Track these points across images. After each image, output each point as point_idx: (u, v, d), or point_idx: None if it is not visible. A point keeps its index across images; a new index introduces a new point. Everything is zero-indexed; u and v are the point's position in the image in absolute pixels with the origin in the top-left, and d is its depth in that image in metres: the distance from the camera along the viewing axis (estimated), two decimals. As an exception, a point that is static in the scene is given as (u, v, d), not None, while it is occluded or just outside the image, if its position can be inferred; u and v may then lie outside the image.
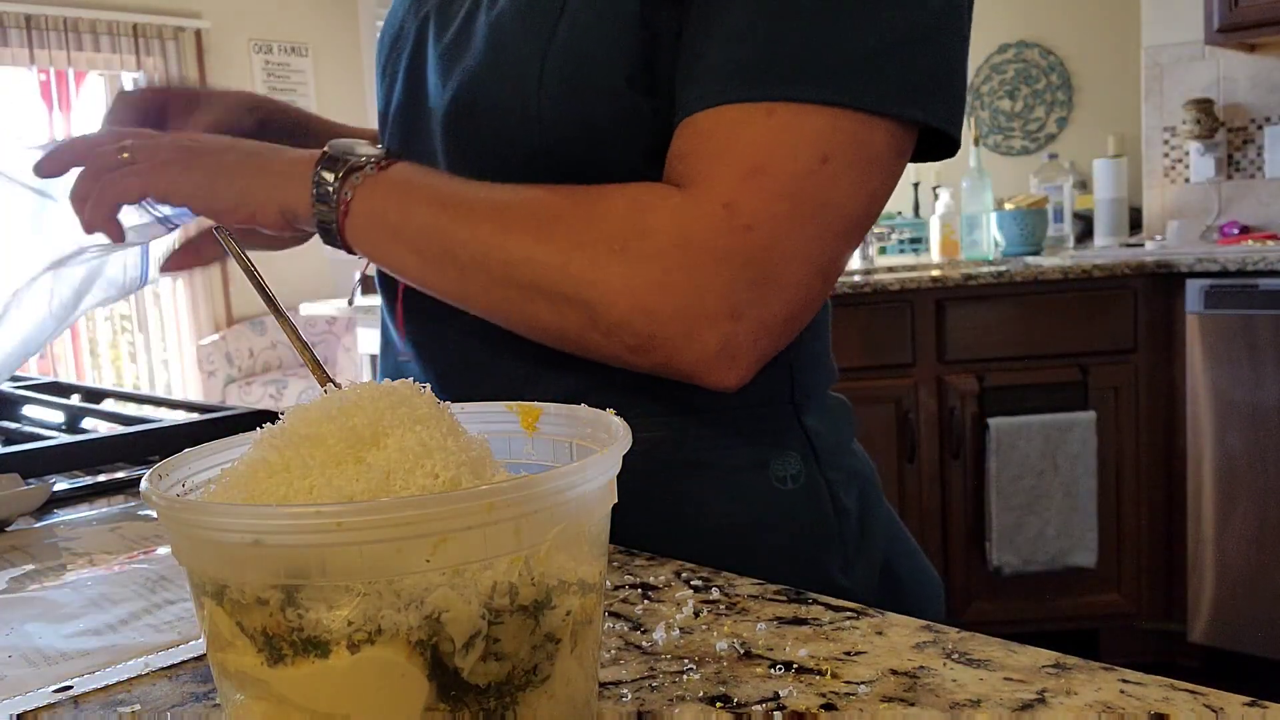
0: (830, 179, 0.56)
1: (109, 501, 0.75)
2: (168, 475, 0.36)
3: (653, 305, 0.57)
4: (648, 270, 0.57)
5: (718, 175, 0.57)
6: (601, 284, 0.57)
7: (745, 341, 0.58)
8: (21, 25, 4.51)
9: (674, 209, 0.57)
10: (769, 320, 0.58)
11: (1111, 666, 0.41)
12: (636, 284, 0.57)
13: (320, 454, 0.33)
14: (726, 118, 0.57)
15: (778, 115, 0.56)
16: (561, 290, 0.58)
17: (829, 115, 0.56)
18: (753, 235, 0.56)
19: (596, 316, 0.58)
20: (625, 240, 0.57)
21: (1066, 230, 3.23)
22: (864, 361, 2.50)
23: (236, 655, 0.31)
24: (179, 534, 0.32)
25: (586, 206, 0.59)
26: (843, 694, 0.40)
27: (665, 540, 0.61)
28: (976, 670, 0.42)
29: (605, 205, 0.59)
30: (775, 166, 0.56)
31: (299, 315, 3.45)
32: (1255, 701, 0.37)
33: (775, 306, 0.58)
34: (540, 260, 0.59)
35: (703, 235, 0.56)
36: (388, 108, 0.76)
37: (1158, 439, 2.53)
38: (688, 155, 0.59)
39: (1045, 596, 2.56)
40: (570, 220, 0.59)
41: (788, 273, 0.57)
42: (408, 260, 0.63)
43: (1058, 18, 4.14)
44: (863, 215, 0.59)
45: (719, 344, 0.57)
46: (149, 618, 0.51)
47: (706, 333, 0.57)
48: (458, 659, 0.30)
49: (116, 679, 0.45)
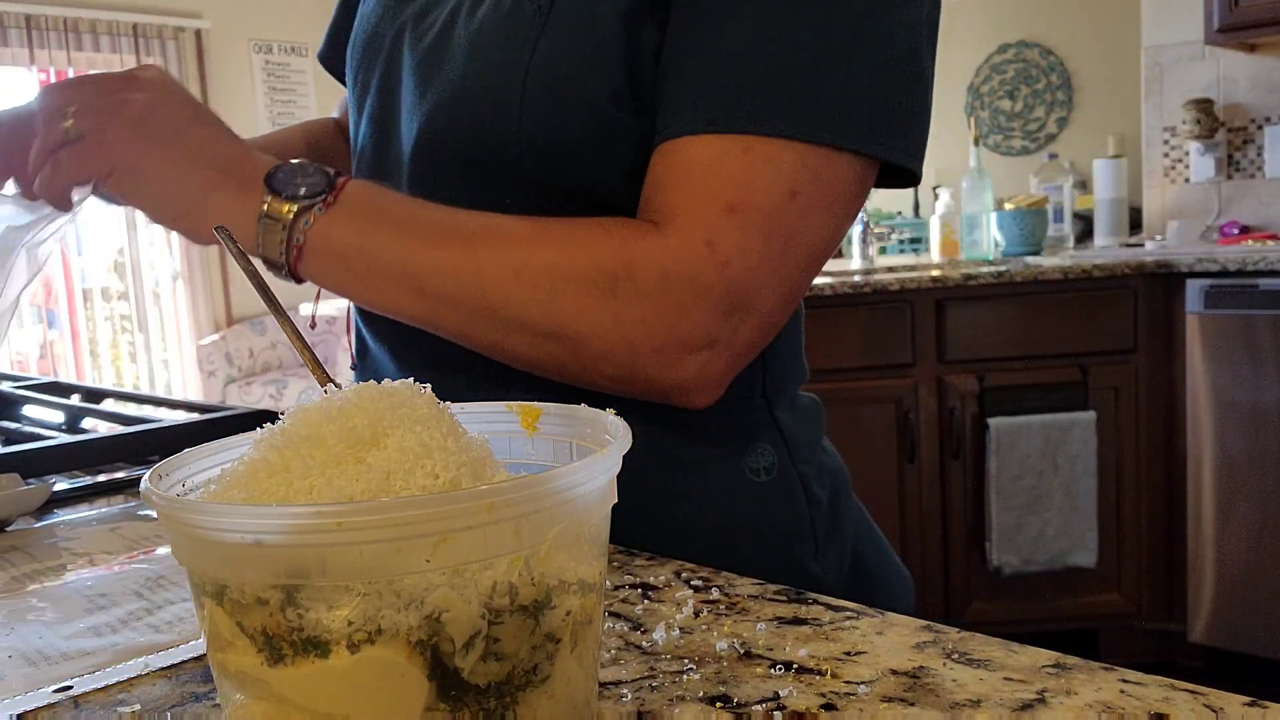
0: (800, 213, 0.59)
1: (109, 501, 0.75)
2: (168, 475, 0.36)
3: (636, 340, 0.59)
4: (634, 309, 0.59)
5: (698, 211, 0.59)
6: (587, 323, 0.59)
7: (719, 366, 0.61)
8: (21, 25, 4.51)
9: (659, 248, 0.59)
10: (740, 345, 0.61)
11: (1111, 666, 0.41)
12: (624, 321, 0.59)
13: (320, 454, 0.33)
14: (706, 150, 0.59)
15: (754, 151, 0.58)
16: (545, 327, 0.60)
17: (799, 151, 0.58)
18: (730, 270, 0.58)
19: (579, 351, 0.60)
20: (613, 281, 0.59)
21: (1066, 230, 3.23)
22: (864, 361, 2.49)
23: (236, 655, 0.31)
24: (179, 534, 0.32)
25: (570, 246, 0.60)
26: (843, 694, 0.40)
27: (640, 530, 0.61)
28: (976, 670, 0.42)
29: (590, 245, 0.60)
30: (751, 202, 0.58)
31: (298, 315, 3.45)
32: (1255, 701, 0.37)
33: (746, 333, 0.61)
34: (524, 299, 0.60)
35: (687, 273, 0.58)
36: (359, 115, 0.76)
37: (1158, 439, 2.53)
38: (668, 187, 0.60)
39: (1045, 596, 2.56)
40: (553, 259, 0.60)
41: (759, 302, 0.60)
42: (374, 295, 0.63)
43: (1058, 18, 4.15)
44: (827, 246, 0.62)
45: (695, 371, 0.60)
46: (149, 618, 0.51)
47: (685, 361, 0.60)
48: (458, 659, 0.30)
49: (116, 679, 0.45)
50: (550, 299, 0.59)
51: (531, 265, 0.60)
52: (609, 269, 0.59)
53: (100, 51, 4.76)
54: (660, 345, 0.59)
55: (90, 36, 4.71)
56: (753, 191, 0.58)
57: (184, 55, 4.97)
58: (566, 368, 0.61)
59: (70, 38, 4.64)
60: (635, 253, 0.59)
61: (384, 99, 0.73)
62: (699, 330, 0.59)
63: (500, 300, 0.60)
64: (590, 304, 0.59)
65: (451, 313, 0.61)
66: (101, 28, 4.74)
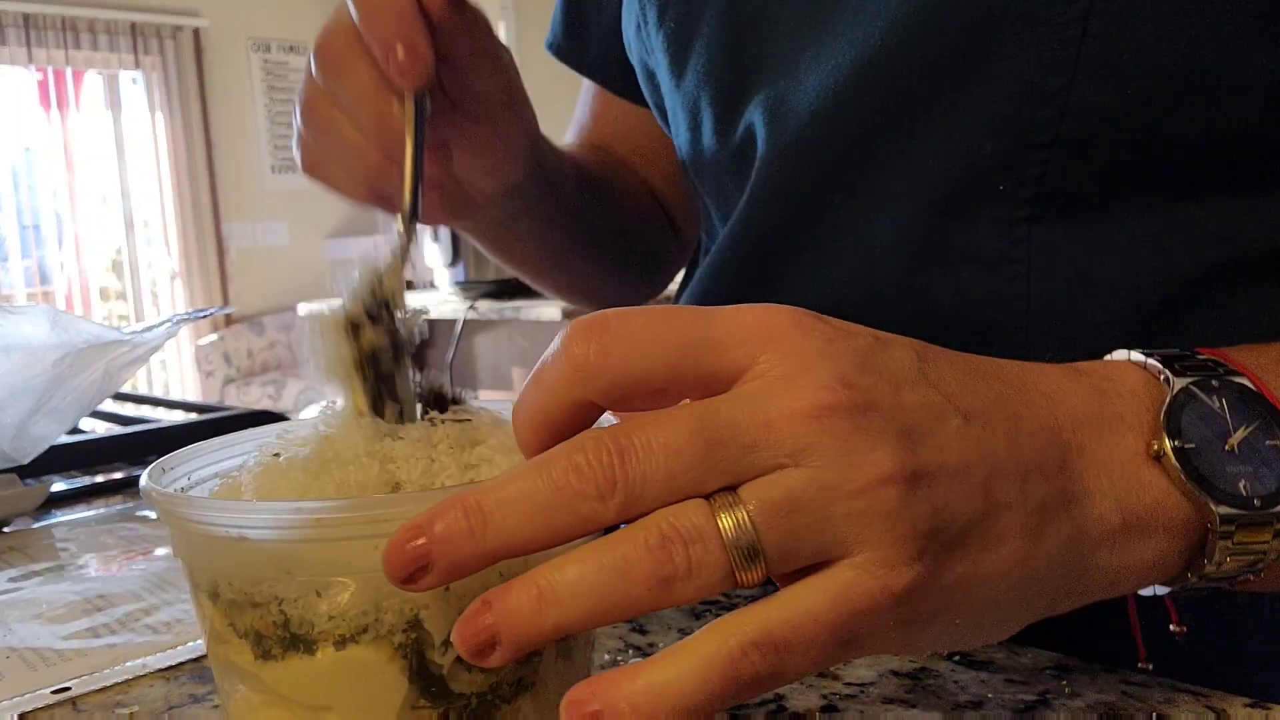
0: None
1: (107, 502, 0.75)
2: (170, 470, 0.36)
3: None
4: None
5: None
6: None
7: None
8: (19, 24, 4.51)
9: None
10: None
11: (1113, 668, 0.41)
12: None
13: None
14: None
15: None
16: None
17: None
18: None
19: None
20: None
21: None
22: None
23: (230, 649, 0.32)
24: (174, 528, 0.32)
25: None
26: (843, 695, 0.40)
27: None
28: (978, 672, 0.41)
29: None
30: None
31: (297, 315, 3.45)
32: (1257, 703, 0.37)
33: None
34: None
35: None
36: (682, 67, 0.54)
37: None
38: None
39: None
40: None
41: None
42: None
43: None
44: None
45: None
46: (147, 619, 0.51)
47: None
48: (437, 655, 0.30)
49: (115, 680, 0.44)
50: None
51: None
52: None
53: (99, 50, 4.76)
54: None
55: (88, 35, 4.71)
56: None
57: (182, 54, 4.97)
58: None
59: (68, 36, 4.64)
60: None
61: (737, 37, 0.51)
62: None
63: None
64: None
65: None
66: (99, 26, 4.74)
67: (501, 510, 0.26)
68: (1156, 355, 0.33)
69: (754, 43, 0.50)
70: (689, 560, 0.26)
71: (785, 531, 0.26)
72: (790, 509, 0.26)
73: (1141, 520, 0.30)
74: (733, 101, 0.52)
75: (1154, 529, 0.30)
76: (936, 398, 0.28)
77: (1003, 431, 0.28)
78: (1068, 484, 0.29)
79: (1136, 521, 0.30)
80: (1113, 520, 0.30)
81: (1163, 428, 0.30)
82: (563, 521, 0.26)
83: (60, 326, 0.66)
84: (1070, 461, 0.29)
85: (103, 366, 0.67)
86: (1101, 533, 0.30)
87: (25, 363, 0.65)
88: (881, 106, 0.46)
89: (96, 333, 0.66)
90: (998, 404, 0.29)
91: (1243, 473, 0.30)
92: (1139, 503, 0.30)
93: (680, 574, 0.26)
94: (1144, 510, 0.30)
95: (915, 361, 0.29)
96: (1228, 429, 0.31)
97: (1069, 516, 0.29)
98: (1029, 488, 0.28)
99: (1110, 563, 0.30)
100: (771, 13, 0.50)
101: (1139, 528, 0.30)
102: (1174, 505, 0.30)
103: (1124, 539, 0.30)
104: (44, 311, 0.66)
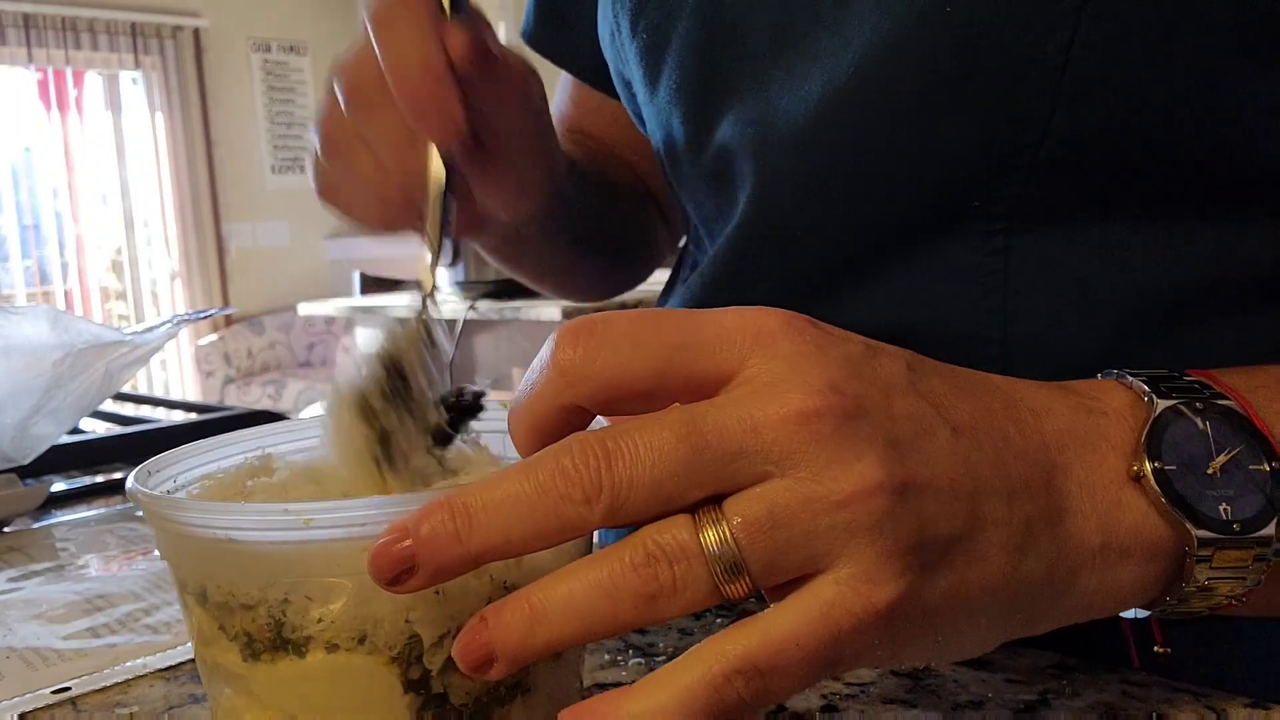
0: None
1: (107, 502, 0.75)
2: (157, 472, 0.36)
3: None
4: None
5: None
6: None
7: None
8: (20, 24, 4.51)
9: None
10: None
11: (1114, 668, 0.41)
12: None
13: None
14: None
15: None
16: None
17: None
18: None
19: None
20: None
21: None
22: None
23: (218, 651, 0.32)
24: (160, 530, 0.32)
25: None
26: (843, 695, 0.40)
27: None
28: (978, 671, 0.41)
29: None
30: None
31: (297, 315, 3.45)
32: (1257, 703, 0.37)
33: None
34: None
35: None
36: (656, 80, 0.52)
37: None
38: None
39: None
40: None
41: None
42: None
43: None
44: None
45: None
46: (147, 619, 0.51)
47: None
48: (427, 658, 0.30)
49: (115, 680, 0.44)
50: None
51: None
52: None
53: (99, 50, 4.76)
54: None
55: (89, 35, 4.71)
56: None
57: (182, 54, 4.97)
58: None
59: (68, 36, 4.64)
60: None
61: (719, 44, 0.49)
62: None
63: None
64: None
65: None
66: (100, 26, 4.74)
67: (487, 513, 0.26)
68: (1144, 376, 0.32)
69: (726, 59, 0.49)
70: (674, 577, 0.26)
71: (769, 547, 0.25)
72: (773, 524, 0.25)
73: (1121, 542, 0.30)
74: (704, 118, 0.51)
75: (1133, 551, 0.30)
76: (926, 409, 0.28)
77: (991, 447, 0.28)
78: (1052, 503, 0.29)
79: (1116, 543, 0.30)
80: (1093, 541, 0.30)
81: (1143, 449, 0.30)
82: (549, 525, 0.26)
83: (60, 327, 0.66)
84: (1055, 480, 0.29)
85: (103, 367, 0.67)
86: (1083, 553, 0.29)
87: (25, 363, 0.65)
88: (857, 134, 0.45)
89: (97, 333, 0.66)
90: (987, 418, 0.29)
91: (1224, 496, 0.30)
92: (1119, 524, 0.30)
93: (665, 591, 0.26)
94: (1124, 532, 0.30)
95: (906, 371, 0.28)
96: (1210, 452, 0.31)
97: (1053, 536, 0.29)
98: (1015, 505, 0.28)
99: (1090, 584, 0.30)
100: (744, 28, 0.48)
101: (1119, 549, 0.30)
102: (1153, 527, 0.30)
103: (1104, 560, 0.30)
104: (44, 312, 0.66)
